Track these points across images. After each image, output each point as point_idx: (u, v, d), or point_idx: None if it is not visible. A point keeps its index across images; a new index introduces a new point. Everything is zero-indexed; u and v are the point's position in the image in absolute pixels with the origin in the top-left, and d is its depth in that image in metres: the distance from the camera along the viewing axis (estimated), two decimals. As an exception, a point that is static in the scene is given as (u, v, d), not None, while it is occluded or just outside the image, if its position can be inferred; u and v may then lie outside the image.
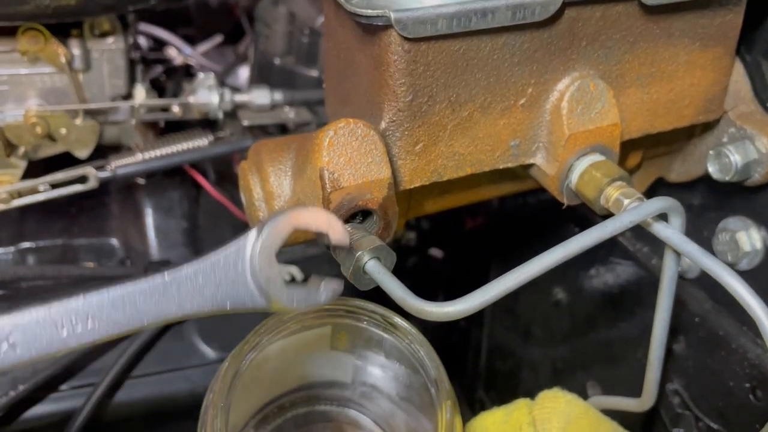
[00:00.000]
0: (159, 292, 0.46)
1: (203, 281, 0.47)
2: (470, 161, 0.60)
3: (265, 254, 0.47)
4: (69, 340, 0.43)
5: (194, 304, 0.47)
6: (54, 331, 0.43)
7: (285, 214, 0.48)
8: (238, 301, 0.48)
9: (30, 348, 0.43)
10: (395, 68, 0.53)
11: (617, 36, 0.60)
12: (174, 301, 0.46)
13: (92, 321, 0.44)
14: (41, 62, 0.97)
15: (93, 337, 0.44)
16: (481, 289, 0.48)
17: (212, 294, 0.47)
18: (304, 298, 0.49)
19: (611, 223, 0.51)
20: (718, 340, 0.79)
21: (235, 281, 0.47)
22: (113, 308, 0.45)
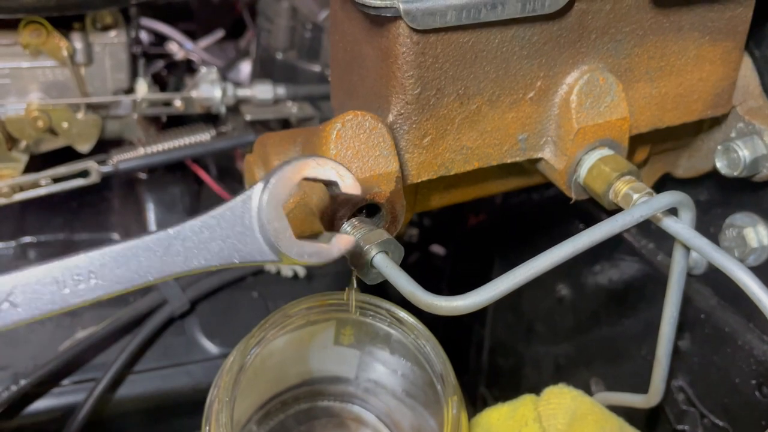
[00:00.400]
0: (163, 247, 0.44)
1: (209, 235, 0.45)
2: (478, 155, 0.59)
3: (272, 205, 0.45)
4: (71, 297, 0.43)
5: (201, 259, 0.45)
6: (56, 289, 0.42)
7: (292, 164, 0.46)
8: (246, 255, 0.46)
9: (32, 306, 0.42)
10: (403, 60, 0.53)
11: (627, 29, 0.59)
12: (179, 256, 0.45)
13: (95, 278, 0.43)
14: (43, 56, 0.96)
15: (96, 294, 0.43)
16: (490, 284, 0.47)
17: (219, 248, 0.46)
18: (315, 251, 0.47)
19: (621, 217, 0.51)
20: (723, 336, 0.78)
21: (243, 234, 0.46)
22: (116, 264, 0.43)
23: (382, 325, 0.71)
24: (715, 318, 0.79)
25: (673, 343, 0.64)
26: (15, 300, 0.41)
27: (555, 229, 1.04)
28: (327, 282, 1.12)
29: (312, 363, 0.82)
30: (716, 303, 0.80)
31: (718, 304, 0.79)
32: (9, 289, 0.41)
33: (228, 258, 0.46)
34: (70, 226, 1.12)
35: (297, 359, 0.80)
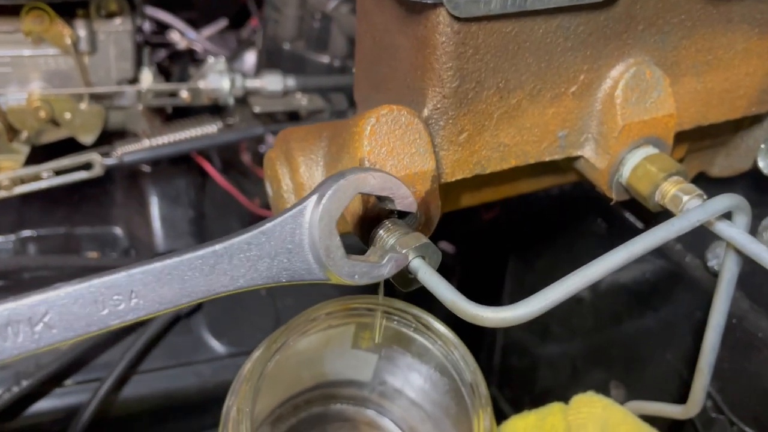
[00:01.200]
0: (209, 265, 0.42)
1: (258, 253, 0.43)
2: (515, 153, 0.56)
3: (325, 222, 0.43)
4: (110, 319, 0.40)
5: (247, 278, 0.43)
6: (94, 310, 0.39)
7: (347, 177, 0.43)
8: (294, 273, 0.44)
9: (68, 328, 0.39)
10: (442, 51, 0.49)
11: (675, 20, 0.56)
12: (225, 275, 0.42)
13: (136, 297, 0.40)
14: (45, 43, 0.93)
15: (136, 315, 0.40)
16: (541, 293, 0.44)
17: (267, 266, 0.43)
18: (366, 271, 0.45)
19: (677, 222, 0.48)
20: (756, 342, 0.75)
21: (292, 252, 0.43)
22: (159, 284, 0.40)
23: (407, 330, 0.68)
24: (747, 323, 0.76)
25: (717, 353, 0.61)
26: (50, 321, 0.38)
27: (574, 226, 1.01)
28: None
29: (327, 366, 0.79)
30: (749, 307, 0.77)
31: (751, 309, 0.77)
32: (44, 310, 0.38)
33: (276, 277, 0.44)
34: (71, 219, 1.08)
35: (313, 362, 0.77)
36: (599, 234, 0.96)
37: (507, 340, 1.20)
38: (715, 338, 0.59)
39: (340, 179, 0.43)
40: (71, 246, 1.08)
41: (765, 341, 0.74)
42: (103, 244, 1.11)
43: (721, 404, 0.80)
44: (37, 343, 0.38)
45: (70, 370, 0.89)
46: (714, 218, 0.52)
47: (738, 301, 0.78)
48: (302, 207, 0.43)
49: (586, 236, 0.98)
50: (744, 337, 0.77)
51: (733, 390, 0.79)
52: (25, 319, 0.38)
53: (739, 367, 0.78)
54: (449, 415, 0.74)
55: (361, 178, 0.44)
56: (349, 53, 1.22)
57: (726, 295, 0.56)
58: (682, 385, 0.86)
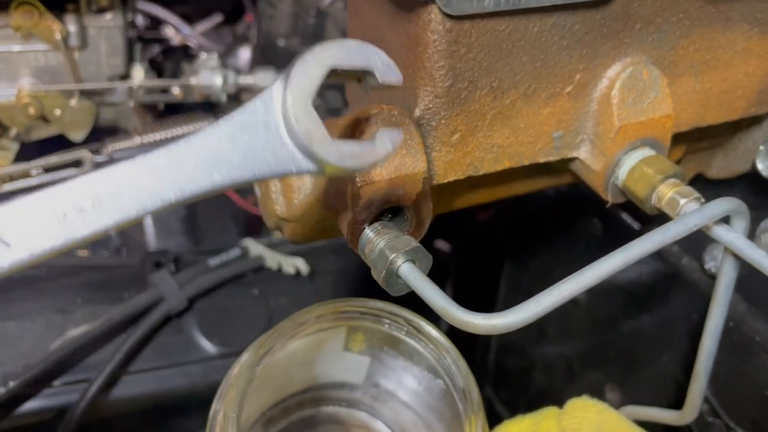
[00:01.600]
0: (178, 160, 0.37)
1: (230, 146, 0.38)
2: (509, 154, 0.55)
3: (299, 103, 0.37)
4: (75, 229, 0.35)
5: (224, 172, 0.37)
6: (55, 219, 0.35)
7: (314, 51, 0.38)
8: (278, 166, 0.38)
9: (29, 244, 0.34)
10: (434, 49, 0.48)
11: (674, 19, 0.55)
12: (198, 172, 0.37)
13: (100, 203, 0.36)
14: (35, 39, 0.92)
15: (104, 223, 0.35)
16: (534, 299, 0.43)
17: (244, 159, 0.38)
18: (359, 153, 0.39)
19: (674, 226, 0.47)
20: (753, 345, 0.74)
21: (268, 142, 0.38)
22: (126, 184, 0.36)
23: (399, 333, 0.67)
24: (744, 326, 0.75)
25: (714, 358, 0.60)
26: (8, 238, 0.33)
27: (570, 227, 1.00)
28: (330, 280, 1.08)
29: (319, 369, 0.78)
30: (745, 310, 0.76)
31: (748, 312, 0.76)
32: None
33: (256, 171, 0.38)
34: (62, 218, 1.07)
35: (304, 365, 0.76)
36: (595, 234, 0.95)
37: (502, 341, 1.19)
38: (712, 343, 0.57)
39: (306, 55, 0.38)
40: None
41: (762, 344, 0.73)
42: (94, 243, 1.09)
43: (717, 408, 0.79)
44: None
45: (58, 371, 0.88)
46: (712, 223, 0.50)
47: (735, 304, 0.77)
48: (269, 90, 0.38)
49: (583, 237, 0.97)
50: (741, 340, 0.76)
51: (730, 394, 0.78)
52: None
53: (735, 370, 0.77)
54: (442, 419, 0.73)
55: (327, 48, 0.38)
56: (344, 50, 1.21)
57: (723, 300, 0.55)
58: (678, 388, 0.85)
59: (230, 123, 0.38)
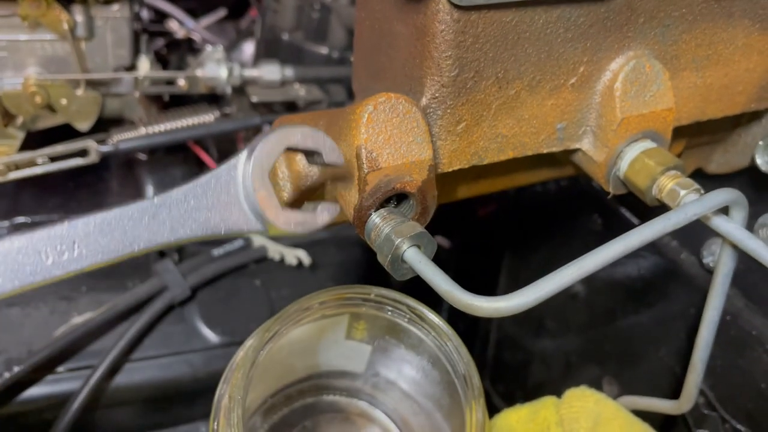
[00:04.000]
0: (149, 215, 0.44)
1: (195, 204, 0.45)
2: (513, 144, 0.55)
3: (258, 173, 0.45)
4: (54, 269, 0.41)
5: (187, 229, 0.45)
6: (38, 260, 0.41)
7: (277, 132, 0.45)
8: (233, 225, 0.46)
9: (12, 278, 0.40)
10: (441, 39, 0.49)
11: (677, 13, 0.56)
12: (165, 226, 0.44)
13: (78, 248, 0.42)
14: (42, 28, 0.92)
15: (80, 265, 0.42)
16: (535, 284, 0.44)
17: (205, 218, 0.45)
18: (301, 221, 0.47)
19: (674, 215, 0.47)
20: (750, 339, 0.75)
21: (228, 203, 0.45)
22: (101, 234, 0.42)
23: (401, 321, 0.68)
24: (741, 320, 0.76)
25: (711, 349, 0.61)
26: None
27: (570, 222, 1.01)
28: (331, 271, 1.09)
29: (320, 357, 0.78)
30: (743, 305, 0.77)
31: (746, 306, 0.77)
32: None
33: (214, 228, 0.46)
34: (66, 207, 1.08)
35: (306, 353, 0.77)
36: (595, 230, 0.96)
37: (501, 334, 1.20)
38: (709, 333, 0.58)
39: (269, 134, 0.45)
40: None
41: (759, 339, 0.74)
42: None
43: (713, 401, 0.80)
44: None
45: (62, 357, 0.89)
46: (711, 213, 0.51)
47: (732, 299, 0.78)
48: (234, 160, 0.45)
49: (583, 232, 0.98)
50: (738, 334, 0.77)
51: (726, 387, 0.79)
52: None
53: (732, 364, 0.78)
54: (442, 408, 0.74)
55: (287, 131, 0.45)
56: (348, 45, 1.21)
57: (721, 291, 0.56)
58: (675, 381, 0.86)
59: (199, 185, 0.45)
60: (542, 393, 0.76)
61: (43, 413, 0.88)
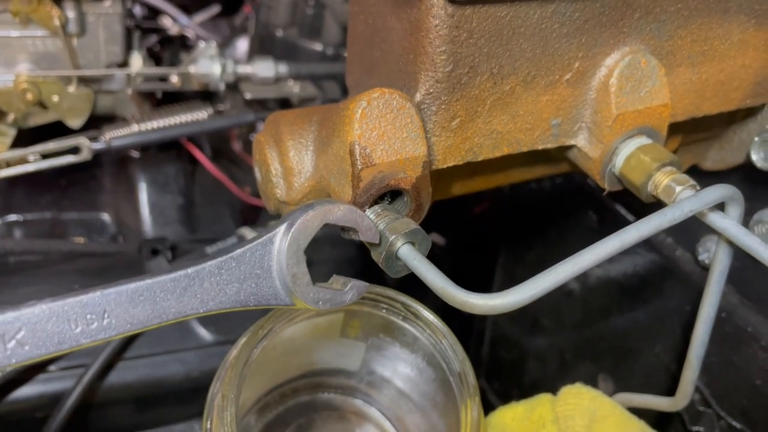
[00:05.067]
0: (181, 287, 0.43)
1: (227, 277, 0.45)
2: (508, 140, 0.55)
3: (293, 250, 0.45)
4: (82, 337, 0.40)
5: (216, 301, 0.45)
6: (67, 328, 0.40)
7: (315, 209, 0.46)
8: (261, 298, 0.46)
9: (40, 346, 0.39)
10: (436, 34, 0.48)
11: (672, 9, 0.55)
12: (196, 298, 0.44)
13: (108, 317, 0.41)
14: (33, 24, 0.92)
15: (108, 334, 0.41)
16: (531, 281, 0.43)
17: (236, 291, 0.45)
18: (329, 298, 0.48)
19: (670, 211, 0.47)
20: (745, 336, 0.75)
21: (260, 277, 0.45)
22: (131, 304, 0.42)
23: (396, 318, 0.67)
24: (736, 317, 0.76)
25: (706, 346, 0.61)
26: (23, 338, 0.39)
27: (566, 219, 1.01)
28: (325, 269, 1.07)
29: (315, 355, 0.78)
30: (738, 301, 0.77)
31: (741, 303, 0.76)
32: (18, 326, 0.39)
33: (244, 301, 0.46)
34: (58, 204, 1.07)
35: (300, 351, 0.77)
36: (590, 227, 0.96)
37: (496, 332, 1.20)
38: (704, 330, 0.58)
39: (308, 210, 0.46)
40: (58, 231, 1.07)
41: (754, 336, 0.74)
42: (91, 229, 1.09)
43: (708, 398, 0.80)
44: (9, 359, 0.39)
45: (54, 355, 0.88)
46: (707, 209, 0.51)
47: (728, 296, 0.77)
48: (272, 235, 0.45)
49: (578, 229, 0.97)
50: (733, 331, 0.76)
51: (721, 384, 0.79)
52: None
53: (727, 361, 0.78)
54: (437, 406, 0.74)
55: (328, 210, 0.46)
56: (342, 41, 1.21)
57: (717, 287, 0.56)
58: (670, 378, 0.86)
59: (233, 258, 0.45)
60: (538, 390, 0.76)
61: (35, 412, 0.87)
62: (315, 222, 0.46)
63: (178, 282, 0.43)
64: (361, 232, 0.48)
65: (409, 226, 0.48)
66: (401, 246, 0.47)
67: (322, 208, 0.46)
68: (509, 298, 0.42)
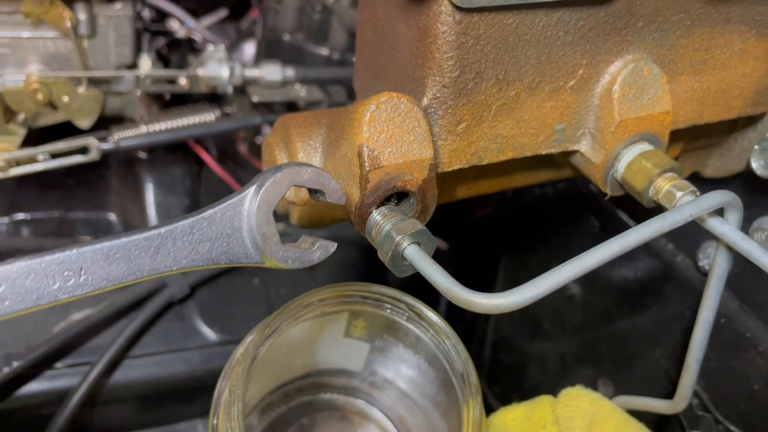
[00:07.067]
0: (155, 246, 0.45)
1: (199, 236, 0.46)
2: (513, 145, 0.56)
3: (263, 210, 0.47)
4: (60, 293, 0.42)
5: (189, 259, 0.46)
6: (45, 284, 0.41)
7: (284, 171, 0.47)
8: (232, 257, 0.48)
9: (19, 300, 0.41)
10: (443, 40, 0.49)
11: (675, 18, 0.57)
12: (169, 256, 0.45)
13: (85, 274, 0.43)
14: (45, 26, 0.93)
15: (85, 290, 0.43)
16: (533, 281, 0.44)
17: (208, 249, 0.47)
18: (298, 256, 0.49)
19: (670, 216, 0.48)
20: (743, 341, 0.76)
21: (231, 236, 0.47)
22: (107, 261, 0.43)
23: (400, 319, 0.68)
24: (735, 323, 0.77)
25: (705, 349, 0.62)
26: (2, 294, 0.40)
27: (567, 224, 1.02)
28: (330, 271, 1.09)
29: (319, 355, 0.79)
30: (737, 307, 0.78)
31: (740, 309, 0.77)
32: None
33: (216, 259, 0.47)
34: (66, 204, 1.09)
35: (304, 350, 0.77)
36: (592, 232, 0.97)
37: (497, 336, 1.20)
38: (703, 333, 0.59)
39: (276, 172, 0.47)
40: (65, 231, 1.08)
41: (753, 341, 0.75)
42: (97, 229, 1.10)
43: (707, 402, 0.81)
44: None
45: (61, 353, 0.89)
46: (706, 214, 0.52)
47: (727, 301, 0.78)
48: (242, 196, 0.47)
49: (580, 235, 0.98)
50: (732, 336, 0.77)
51: (720, 389, 0.79)
52: None
53: (726, 366, 0.78)
54: (438, 406, 0.75)
55: (295, 171, 0.47)
56: (348, 47, 1.22)
57: (716, 292, 0.57)
58: (669, 383, 0.87)
59: (204, 218, 0.46)
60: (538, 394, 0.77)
61: (41, 409, 0.88)
62: (284, 183, 0.47)
63: (152, 240, 0.44)
64: (328, 194, 0.49)
65: (415, 227, 0.49)
66: (407, 246, 0.49)
67: (291, 169, 0.47)
68: (512, 297, 0.43)
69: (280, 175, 0.47)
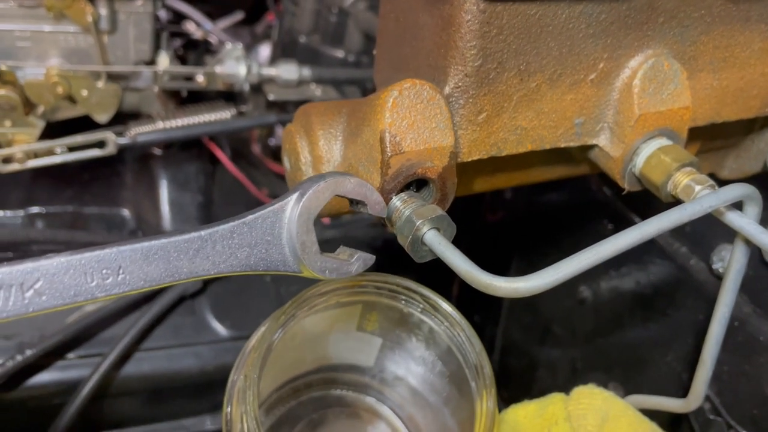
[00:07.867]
0: (194, 249, 0.45)
1: (239, 241, 0.46)
2: (532, 137, 0.57)
3: (303, 219, 0.47)
4: (97, 290, 0.42)
5: (227, 264, 0.46)
6: (83, 281, 0.41)
7: (327, 180, 0.47)
8: (270, 264, 0.47)
9: (56, 296, 0.41)
10: (467, 29, 0.50)
11: (696, 15, 0.57)
12: (208, 260, 0.45)
13: (123, 273, 0.43)
14: (66, 20, 0.94)
15: (122, 290, 0.43)
16: (553, 267, 0.45)
17: (246, 255, 0.46)
18: (336, 267, 0.49)
19: (690, 206, 0.48)
20: (757, 345, 0.76)
21: (270, 243, 0.47)
22: (146, 261, 0.43)
23: (414, 311, 0.69)
24: (749, 326, 0.77)
25: (720, 346, 0.62)
26: (41, 288, 0.40)
27: (580, 228, 1.02)
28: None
29: (331, 348, 0.79)
30: (751, 310, 0.78)
31: (754, 312, 0.77)
32: (36, 277, 0.40)
33: (254, 265, 0.47)
34: (80, 198, 1.09)
35: (316, 343, 0.78)
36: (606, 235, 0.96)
37: (506, 340, 1.20)
38: (719, 330, 0.59)
39: (319, 180, 0.47)
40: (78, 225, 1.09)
41: (766, 345, 0.75)
42: (111, 224, 1.11)
43: (719, 406, 0.80)
44: (26, 308, 0.40)
45: (73, 344, 0.90)
46: (725, 207, 0.52)
47: (740, 305, 0.78)
48: (284, 203, 0.47)
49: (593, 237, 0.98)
50: (745, 340, 0.77)
51: (732, 393, 0.79)
52: (17, 284, 0.40)
53: (738, 370, 0.78)
54: (449, 403, 0.75)
55: (339, 181, 0.48)
56: (364, 49, 1.23)
57: (733, 287, 0.57)
58: (681, 388, 0.86)
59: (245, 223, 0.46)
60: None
61: (52, 399, 0.89)
62: (326, 192, 0.47)
63: (192, 243, 0.44)
64: (369, 206, 0.49)
65: (435, 212, 0.49)
66: (427, 231, 0.49)
67: (334, 179, 0.47)
68: (532, 282, 0.44)
69: (323, 184, 0.47)
